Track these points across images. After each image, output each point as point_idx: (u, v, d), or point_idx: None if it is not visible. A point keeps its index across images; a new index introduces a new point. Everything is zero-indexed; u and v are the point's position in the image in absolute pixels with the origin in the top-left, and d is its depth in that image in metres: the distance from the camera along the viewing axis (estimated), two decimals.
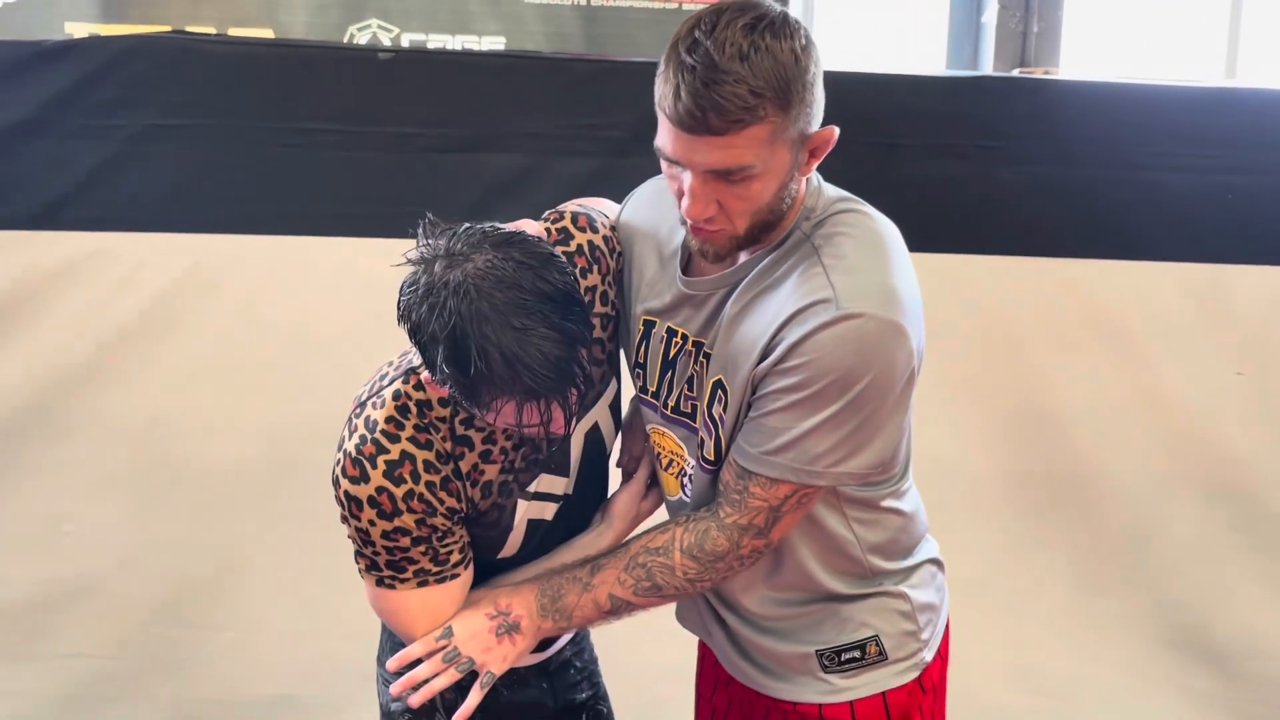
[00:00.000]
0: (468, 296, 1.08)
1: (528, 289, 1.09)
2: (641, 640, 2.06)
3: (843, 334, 1.12)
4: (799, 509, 1.21)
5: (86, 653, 2.46)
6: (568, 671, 1.52)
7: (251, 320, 2.47)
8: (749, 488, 1.20)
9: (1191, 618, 2.59)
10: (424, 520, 1.23)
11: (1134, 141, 2.55)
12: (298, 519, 2.41)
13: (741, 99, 1.05)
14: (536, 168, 2.43)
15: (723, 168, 1.10)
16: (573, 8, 3.22)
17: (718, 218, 1.15)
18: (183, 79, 2.41)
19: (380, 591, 1.28)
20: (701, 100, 1.06)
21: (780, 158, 1.12)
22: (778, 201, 1.16)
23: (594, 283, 1.33)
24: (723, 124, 1.07)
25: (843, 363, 1.12)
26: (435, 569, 1.26)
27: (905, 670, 1.31)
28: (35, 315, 2.43)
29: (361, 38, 3.19)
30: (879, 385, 1.14)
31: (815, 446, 1.15)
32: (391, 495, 1.20)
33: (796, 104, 1.10)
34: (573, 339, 1.11)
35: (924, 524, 1.38)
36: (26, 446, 2.45)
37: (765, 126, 1.08)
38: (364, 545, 1.25)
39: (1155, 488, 2.60)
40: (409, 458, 1.21)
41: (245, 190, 2.44)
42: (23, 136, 2.38)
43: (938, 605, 1.37)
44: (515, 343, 1.07)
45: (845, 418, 1.14)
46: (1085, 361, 2.58)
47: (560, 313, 1.10)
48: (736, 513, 1.21)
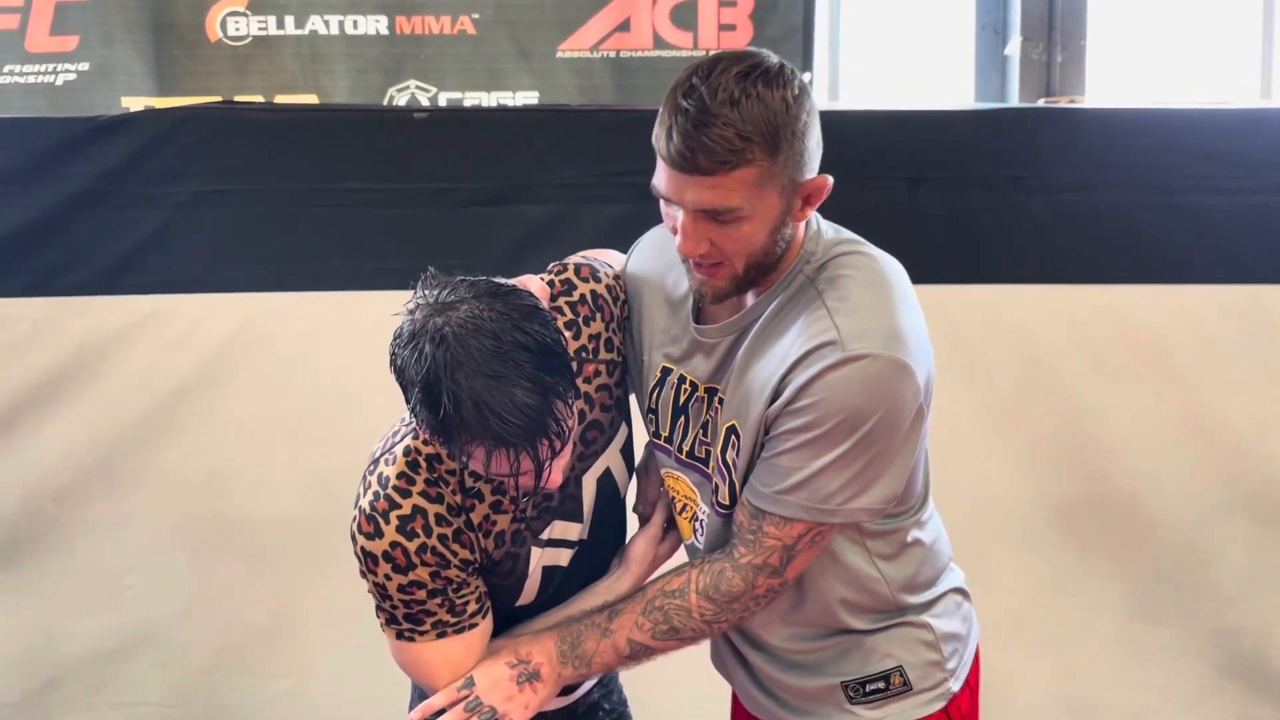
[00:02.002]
0: (444, 343, 1.11)
1: (505, 339, 1.12)
2: (676, 680, 2.08)
3: (849, 375, 1.15)
4: (813, 547, 1.23)
5: (149, 701, 2.53)
6: (596, 714, 1.52)
7: (300, 374, 2.55)
8: (763, 527, 1.22)
9: (1249, 645, 2.53)
10: (438, 573, 1.25)
11: (1165, 166, 2.54)
12: (348, 567, 2.46)
13: (729, 141, 1.10)
14: (569, 216, 2.50)
15: (710, 207, 1.15)
16: (603, 60, 3.31)
17: (713, 254, 1.19)
18: (230, 146, 2.52)
19: (401, 645, 1.30)
20: (691, 141, 1.11)
21: (769, 202, 1.16)
22: (771, 245, 1.20)
23: (598, 330, 1.36)
24: (711, 164, 1.11)
25: (850, 403, 1.15)
26: (453, 620, 1.28)
27: (931, 700, 1.31)
28: (97, 376, 2.52)
29: (401, 98, 3.30)
30: (887, 423, 1.16)
31: (827, 485, 1.18)
32: (405, 550, 1.23)
33: (785, 150, 1.14)
34: (546, 390, 1.12)
35: (947, 553, 1.38)
36: (90, 502, 2.54)
37: (753, 170, 1.13)
38: (382, 599, 1.28)
39: (1205, 513, 2.55)
40: (421, 512, 1.24)
41: (291, 249, 2.53)
42: (84, 207, 2.50)
43: (963, 635, 1.36)
44: (485, 390, 1.10)
45: (855, 455, 1.16)
46: (1127, 387, 2.56)
47: (535, 363, 1.12)
48: (751, 553, 1.23)
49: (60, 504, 2.53)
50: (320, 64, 3.29)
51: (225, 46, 3.29)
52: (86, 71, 3.29)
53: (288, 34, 3.28)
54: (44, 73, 3.29)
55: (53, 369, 2.51)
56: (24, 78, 3.28)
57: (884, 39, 3.57)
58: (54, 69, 3.28)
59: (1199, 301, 2.55)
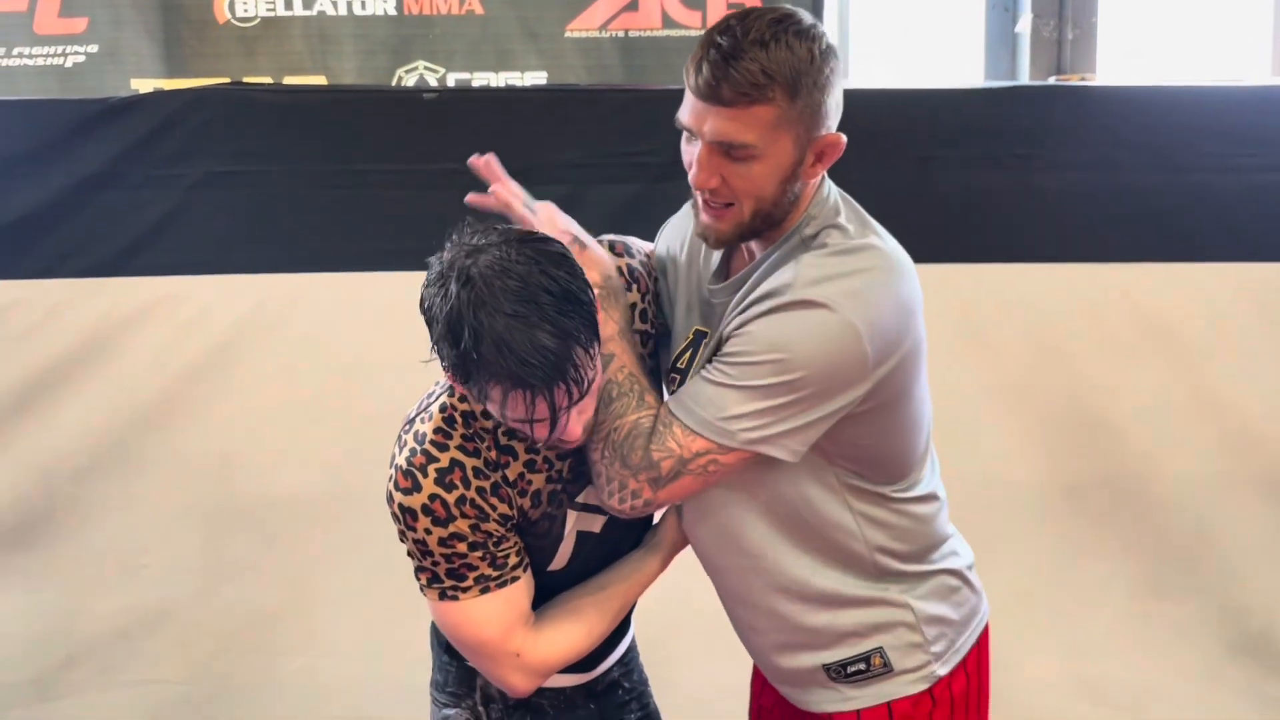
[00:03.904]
0: (470, 282, 1.14)
1: (530, 281, 1.14)
2: (700, 659, 2.09)
3: (794, 318, 1.19)
4: (702, 477, 1.24)
5: (165, 679, 2.56)
6: (615, 692, 1.53)
7: (312, 355, 2.56)
8: (670, 429, 1.24)
9: (1258, 622, 2.54)
10: (478, 525, 1.26)
11: (1176, 144, 2.53)
12: (362, 547, 2.49)
13: (753, 76, 1.17)
14: (578, 196, 2.49)
15: (727, 140, 1.20)
16: (611, 40, 3.30)
17: (723, 192, 1.23)
18: (240, 128, 2.53)
19: (444, 606, 1.30)
20: (719, 72, 1.18)
21: (782, 146, 1.20)
22: (779, 194, 1.23)
23: (633, 299, 1.38)
24: (734, 96, 1.17)
25: (785, 343, 1.18)
26: (495, 574, 1.29)
27: (914, 681, 1.33)
28: (112, 358, 2.55)
29: (409, 79, 3.30)
30: (816, 376, 1.18)
31: (735, 408, 1.20)
32: (444, 501, 1.24)
33: (804, 97, 1.19)
34: (566, 334, 1.13)
35: (944, 534, 1.37)
36: (106, 483, 2.57)
37: (771, 109, 1.18)
38: (423, 557, 1.28)
39: (1215, 491, 2.56)
40: (458, 465, 1.26)
41: (302, 231, 2.54)
42: (95, 189, 2.51)
43: (956, 620, 1.35)
44: (506, 328, 1.12)
45: (773, 393, 1.19)
46: (1137, 365, 2.56)
47: (557, 307, 1.14)
48: (655, 448, 1.24)
49: (76, 485, 2.55)
50: (328, 45, 3.29)
51: (233, 28, 3.28)
52: (95, 54, 3.29)
53: (295, 15, 3.28)
54: (53, 55, 3.29)
55: (67, 351, 2.53)
56: (33, 60, 3.29)
57: (893, 16, 3.55)
58: (63, 51, 3.29)
59: (1210, 280, 2.55)
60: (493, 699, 1.44)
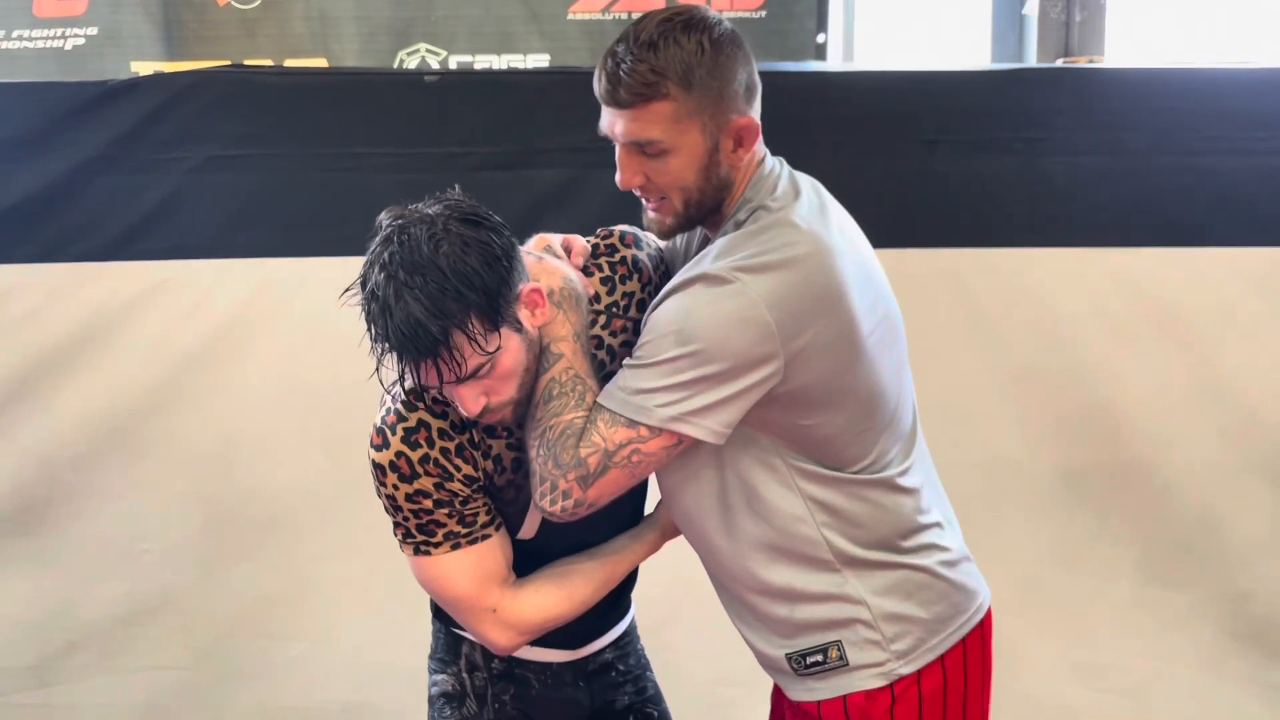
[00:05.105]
0: (388, 242, 1.21)
1: (435, 255, 1.18)
2: (710, 645, 2.08)
3: (698, 293, 1.23)
4: (628, 469, 1.25)
5: (166, 665, 2.56)
6: (608, 674, 1.54)
7: (313, 339, 2.55)
8: (595, 424, 1.26)
9: (1262, 610, 2.53)
10: (441, 484, 1.30)
11: (1185, 127, 2.51)
12: (363, 533, 2.48)
13: (642, 75, 1.24)
14: (581, 180, 2.48)
15: (634, 139, 1.27)
16: (614, 22, 3.27)
17: (651, 189, 1.30)
18: (241, 111, 2.51)
19: (420, 561, 1.35)
20: (614, 78, 1.26)
21: (691, 137, 1.26)
22: (704, 183, 1.29)
23: (632, 289, 1.41)
24: (630, 97, 1.25)
25: (687, 317, 1.22)
26: (464, 530, 1.33)
27: (871, 677, 1.33)
28: (111, 344, 2.53)
29: (411, 62, 3.28)
30: (719, 351, 1.20)
31: (645, 383, 1.23)
32: (409, 459, 1.29)
33: (699, 87, 1.25)
34: (444, 315, 1.17)
35: (913, 521, 1.35)
36: (106, 470, 2.56)
37: (668, 104, 1.25)
38: (394, 512, 1.33)
39: (1221, 478, 2.54)
40: (424, 425, 1.30)
41: (303, 215, 2.53)
42: (95, 173, 2.49)
43: (922, 618, 1.33)
44: (392, 293, 1.17)
45: (680, 368, 1.22)
46: (1144, 351, 2.54)
47: (444, 287, 1.17)
48: (584, 445, 1.26)
49: (77, 471, 2.55)
50: (329, 27, 3.27)
51: (234, 10, 3.27)
52: (95, 36, 3.27)
53: None
54: (52, 38, 3.27)
55: (66, 337, 2.52)
56: (33, 43, 3.27)
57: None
58: (62, 34, 3.27)
59: (1218, 264, 2.53)
60: (477, 667, 1.48)
